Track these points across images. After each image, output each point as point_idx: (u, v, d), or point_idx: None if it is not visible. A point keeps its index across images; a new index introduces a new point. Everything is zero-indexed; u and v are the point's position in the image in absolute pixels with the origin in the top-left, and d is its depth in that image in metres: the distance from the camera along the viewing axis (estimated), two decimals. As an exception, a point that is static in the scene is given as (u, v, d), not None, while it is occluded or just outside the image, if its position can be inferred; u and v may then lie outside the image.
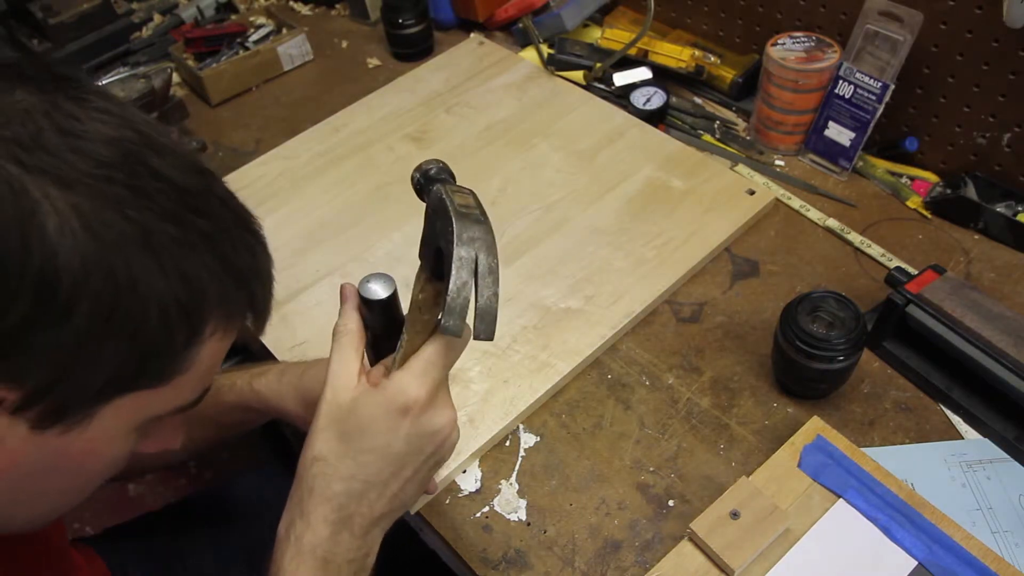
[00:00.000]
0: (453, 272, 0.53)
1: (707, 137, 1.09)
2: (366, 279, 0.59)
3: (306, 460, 0.57)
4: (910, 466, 0.74)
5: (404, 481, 0.58)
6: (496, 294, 0.54)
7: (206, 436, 0.80)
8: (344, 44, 1.34)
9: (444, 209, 0.57)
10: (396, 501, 0.58)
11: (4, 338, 0.38)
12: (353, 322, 0.60)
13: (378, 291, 0.58)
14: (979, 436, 0.77)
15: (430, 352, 0.56)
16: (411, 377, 0.55)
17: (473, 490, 0.77)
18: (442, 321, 0.53)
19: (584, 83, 1.17)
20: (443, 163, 0.63)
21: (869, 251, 0.93)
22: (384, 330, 0.60)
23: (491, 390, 0.82)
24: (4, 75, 0.40)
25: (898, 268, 0.85)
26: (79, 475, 0.48)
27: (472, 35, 1.29)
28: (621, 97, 1.14)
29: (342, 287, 0.61)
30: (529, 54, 1.24)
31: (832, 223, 0.96)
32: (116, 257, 0.39)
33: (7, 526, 0.49)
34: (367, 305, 0.59)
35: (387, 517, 0.59)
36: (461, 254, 0.53)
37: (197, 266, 0.43)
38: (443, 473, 0.76)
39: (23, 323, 0.38)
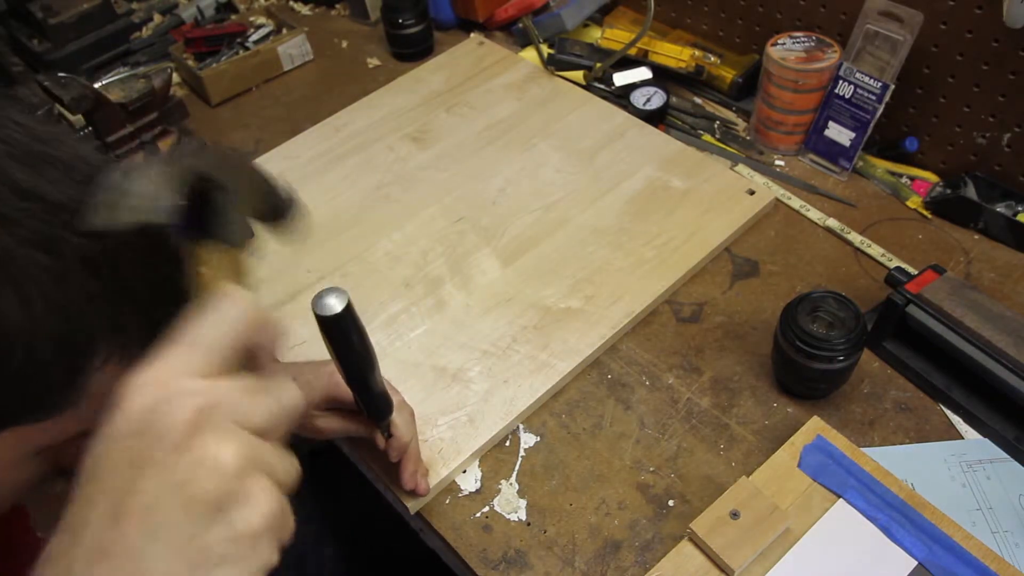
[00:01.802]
0: None
1: (707, 137, 1.09)
2: (319, 295, 0.54)
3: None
4: (910, 466, 0.74)
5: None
6: None
7: None
8: (344, 44, 1.34)
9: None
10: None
11: None
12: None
13: (333, 305, 0.53)
14: (979, 436, 0.77)
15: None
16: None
17: (473, 490, 0.77)
18: None
19: (584, 83, 1.17)
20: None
21: (869, 251, 0.93)
22: (343, 348, 0.56)
23: (491, 390, 0.82)
24: None
25: (898, 268, 0.85)
26: None
27: (472, 35, 1.29)
28: (621, 97, 1.14)
29: None
30: (529, 54, 1.24)
31: (832, 223, 0.96)
32: None
33: None
34: (322, 323, 0.54)
35: None
36: None
37: (76, 295, 0.38)
38: (443, 473, 0.76)
39: None
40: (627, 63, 1.15)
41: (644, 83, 1.13)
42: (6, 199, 0.36)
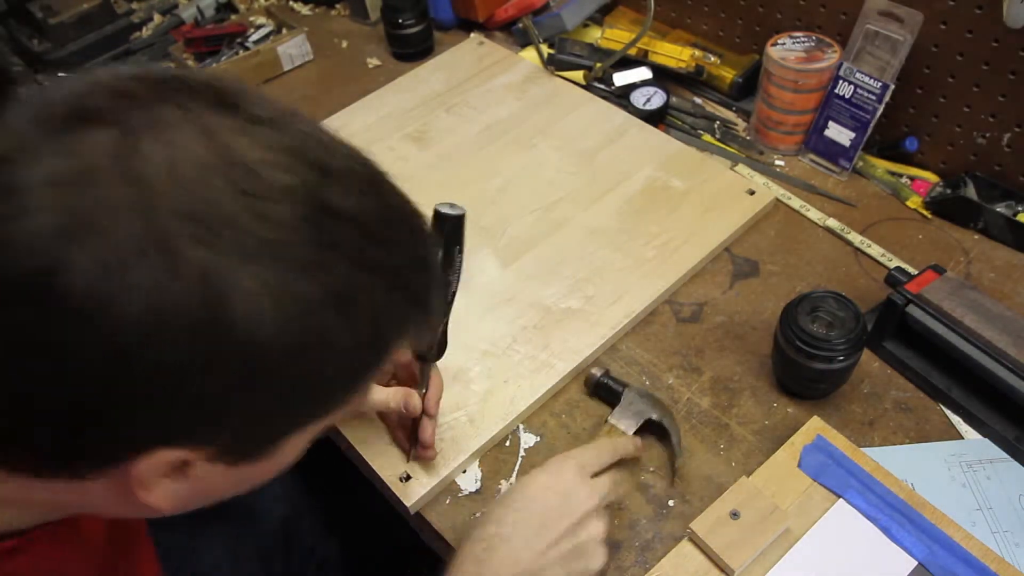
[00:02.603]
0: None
1: (707, 137, 1.09)
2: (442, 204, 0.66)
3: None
4: (910, 466, 0.74)
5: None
6: None
7: None
8: (344, 44, 1.34)
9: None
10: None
11: (198, 414, 0.39)
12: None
13: (456, 208, 0.66)
14: (979, 436, 0.77)
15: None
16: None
17: (473, 490, 0.77)
18: None
19: (584, 83, 1.17)
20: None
21: (869, 251, 0.93)
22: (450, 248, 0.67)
23: (491, 390, 0.82)
24: (166, 103, 0.37)
25: (898, 268, 0.85)
26: (259, 481, 0.50)
27: (472, 35, 1.29)
28: (621, 97, 1.14)
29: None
30: (529, 54, 1.24)
31: (832, 223, 0.96)
32: (309, 325, 0.38)
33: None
34: (440, 220, 0.65)
35: None
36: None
37: (382, 306, 0.42)
38: (443, 473, 0.76)
39: (218, 398, 0.38)
40: (627, 63, 1.15)
41: (644, 83, 1.13)
42: (328, 228, 0.39)
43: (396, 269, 0.43)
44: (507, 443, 0.80)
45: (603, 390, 0.81)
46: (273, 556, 0.92)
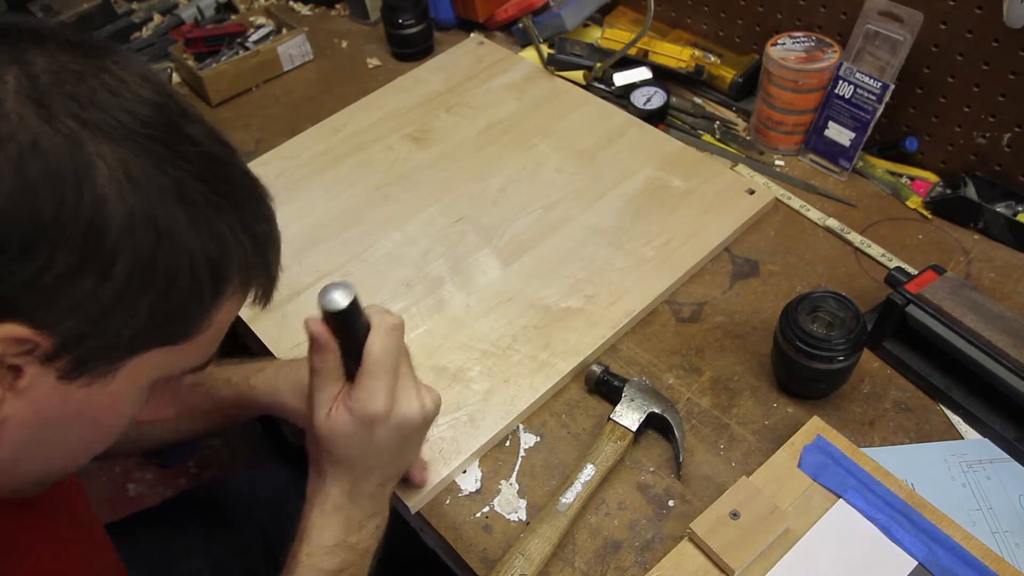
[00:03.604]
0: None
1: (707, 137, 1.09)
2: (325, 290, 0.58)
3: (312, 481, 0.63)
4: (910, 466, 0.74)
5: (396, 457, 0.64)
6: None
7: (194, 428, 0.82)
8: (344, 44, 1.34)
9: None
10: (394, 468, 0.65)
11: (48, 287, 0.40)
12: (328, 362, 0.60)
13: (338, 300, 0.57)
14: (979, 436, 0.77)
15: (369, 359, 0.59)
16: (366, 393, 0.59)
17: (473, 490, 0.77)
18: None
19: (584, 83, 1.17)
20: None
21: (869, 251, 0.93)
22: (350, 340, 0.60)
23: (491, 390, 0.82)
24: (52, 38, 0.42)
25: (898, 268, 0.85)
26: (95, 429, 0.49)
27: (472, 35, 1.29)
28: (621, 97, 1.14)
29: (306, 324, 0.59)
30: (529, 54, 1.24)
31: (832, 223, 0.96)
32: (157, 210, 0.42)
33: (18, 483, 0.50)
34: (328, 318, 0.58)
35: (392, 479, 0.66)
36: None
37: (223, 226, 0.45)
38: (443, 473, 0.76)
39: (68, 272, 0.40)
40: (627, 63, 1.15)
41: (644, 83, 1.13)
42: (181, 142, 0.43)
43: (237, 203, 0.46)
44: (507, 443, 0.80)
45: (604, 386, 0.81)
46: (260, 558, 0.92)
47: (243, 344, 0.94)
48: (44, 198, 0.38)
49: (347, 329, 0.58)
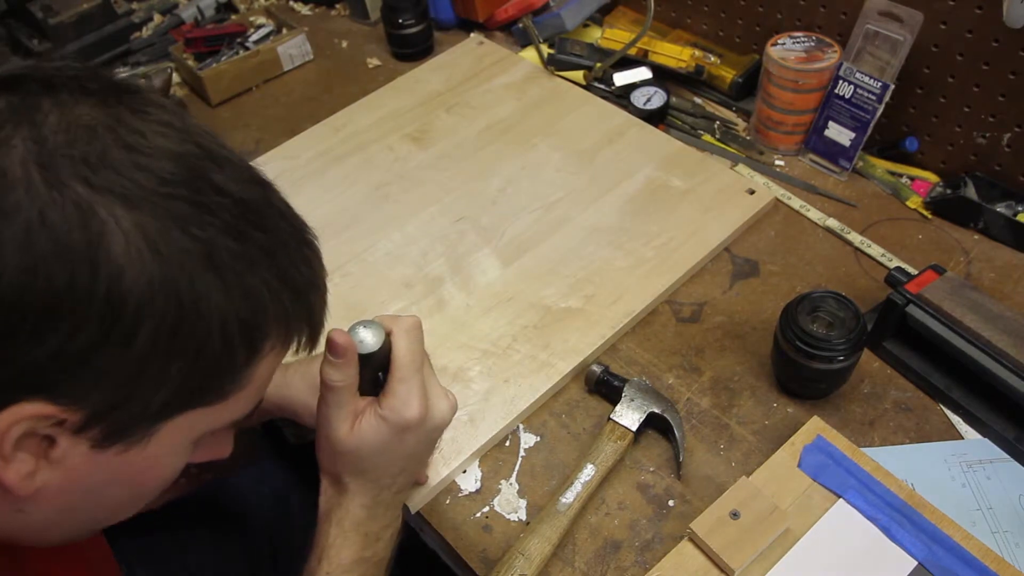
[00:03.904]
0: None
1: (707, 137, 1.09)
2: (354, 328, 0.60)
3: (328, 496, 0.63)
4: (910, 466, 0.74)
5: (419, 463, 0.66)
6: None
7: None
8: (344, 44, 1.34)
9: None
10: (412, 474, 0.66)
11: (69, 362, 0.38)
12: (350, 377, 0.59)
13: (368, 341, 0.59)
14: (979, 436, 0.77)
15: (399, 364, 0.59)
16: (400, 401, 0.59)
17: (473, 490, 0.77)
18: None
19: (584, 83, 1.17)
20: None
21: (869, 251, 0.93)
22: (369, 364, 0.61)
23: (491, 390, 0.82)
24: (66, 88, 0.40)
25: (898, 268, 0.85)
26: (135, 489, 0.48)
27: (472, 35, 1.29)
28: (621, 97, 1.14)
29: (330, 337, 0.58)
30: (529, 54, 1.24)
31: (832, 223, 0.96)
32: (180, 276, 0.39)
33: (52, 539, 0.49)
34: (361, 359, 0.60)
35: (408, 486, 0.67)
36: None
37: (258, 282, 0.43)
38: (443, 473, 0.76)
39: (88, 346, 0.38)
40: (627, 63, 1.15)
41: (644, 83, 1.13)
42: (208, 195, 0.41)
43: (274, 254, 0.44)
44: (507, 443, 0.80)
45: (604, 386, 0.81)
46: (262, 557, 0.92)
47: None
48: (56, 273, 0.37)
49: (370, 355, 0.60)
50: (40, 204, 0.36)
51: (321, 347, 0.53)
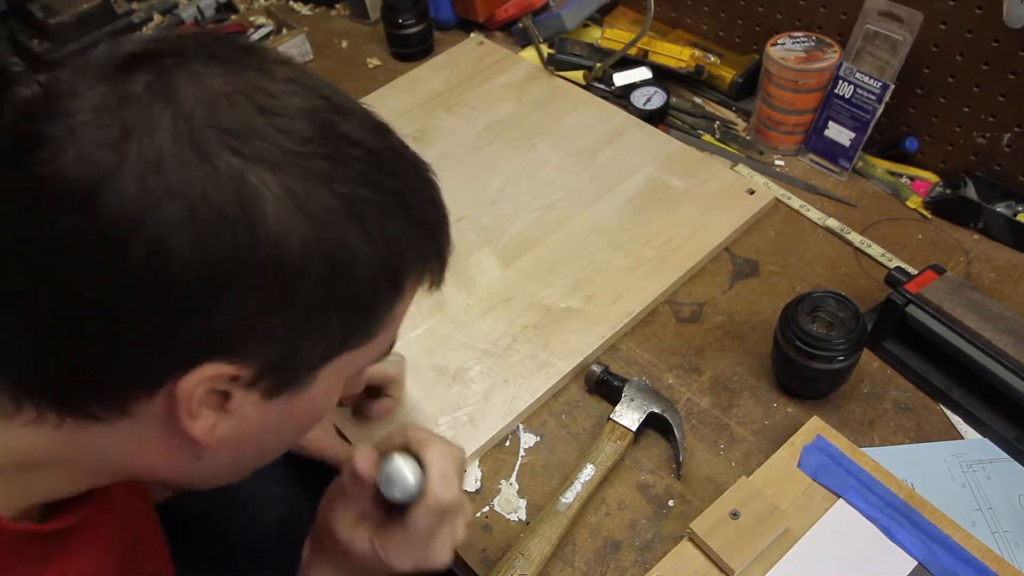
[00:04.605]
0: None
1: (707, 137, 1.09)
2: (392, 461, 0.58)
3: (307, 559, 0.64)
4: (910, 466, 0.74)
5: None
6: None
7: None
8: (344, 44, 1.34)
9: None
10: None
11: (242, 325, 0.41)
12: (364, 496, 0.61)
13: (407, 485, 0.57)
14: (979, 436, 0.77)
15: (410, 531, 0.58)
16: (395, 553, 0.59)
17: (473, 490, 0.77)
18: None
19: (584, 83, 1.17)
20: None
21: (869, 251, 0.93)
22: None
23: (491, 389, 0.82)
24: (197, 58, 0.41)
25: (898, 268, 0.85)
26: (296, 430, 0.52)
27: (472, 35, 1.29)
28: (621, 97, 1.14)
29: (355, 458, 0.59)
30: (529, 54, 1.24)
31: (832, 223, 0.96)
32: (330, 234, 0.41)
33: (215, 483, 0.53)
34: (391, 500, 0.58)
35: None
36: None
37: (396, 229, 0.45)
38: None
39: (257, 309, 0.41)
40: (627, 63, 1.15)
41: (644, 83, 1.13)
42: (342, 148, 0.43)
43: (404, 197, 0.46)
44: (507, 443, 0.80)
45: (604, 386, 0.81)
46: (267, 556, 0.92)
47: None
48: (221, 245, 0.39)
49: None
50: (199, 180, 0.38)
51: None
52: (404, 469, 0.57)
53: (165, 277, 0.38)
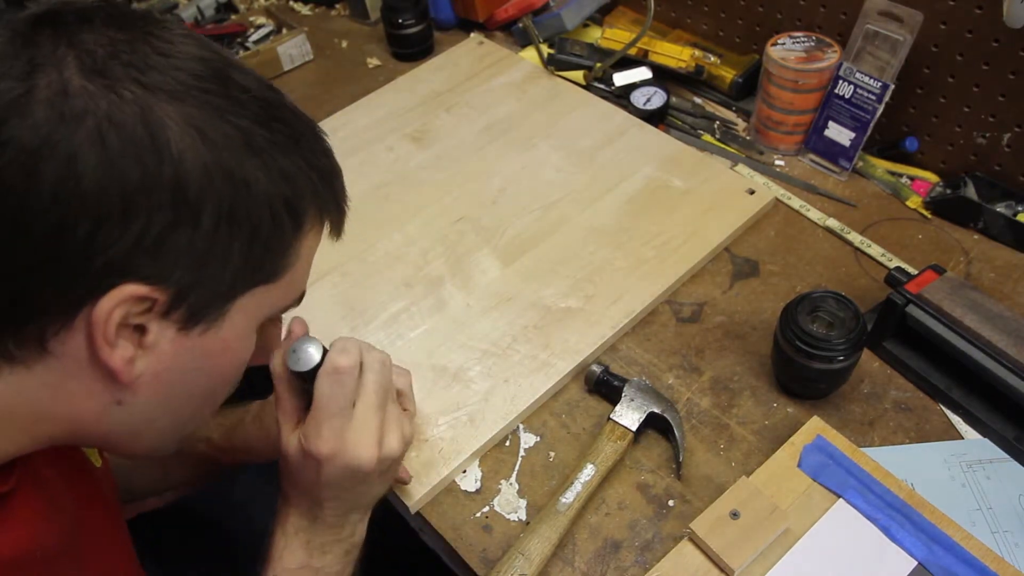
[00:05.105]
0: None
1: (707, 137, 1.09)
2: (294, 349, 0.61)
3: (278, 502, 0.66)
4: (910, 466, 0.74)
5: (353, 493, 0.64)
6: None
7: (185, 477, 0.84)
8: (344, 44, 1.34)
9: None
10: (354, 503, 0.65)
11: (151, 245, 0.43)
12: (289, 403, 0.64)
13: (310, 357, 0.61)
14: (979, 436, 0.77)
15: (316, 402, 0.60)
16: (312, 431, 0.61)
17: (473, 490, 0.77)
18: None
19: (584, 83, 1.17)
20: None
21: (869, 251, 0.93)
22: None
23: (491, 389, 0.82)
24: (98, 17, 0.45)
25: (898, 268, 0.85)
26: (215, 376, 0.53)
27: (472, 35, 1.29)
28: (621, 97, 1.14)
29: (272, 364, 0.63)
30: (529, 54, 1.24)
31: (832, 223, 0.96)
32: (229, 159, 0.44)
33: (142, 445, 0.54)
34: (299, 377, 0.62)
35: (356, 510, 0.66)
36: None
37: (291, 165, 0.48)
38: (444, 472, 0.76)
39: (164, 229, 0.43)
40: (627, 63, 1.15)
41: (644, 83, 1.13)
42: (235, 91, 0.46)
43: (299, 142, 0.49)
44: (507, 443, 0.80)
45: (603, 386, 0.81)
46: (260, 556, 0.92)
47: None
48: (129, 165, 0.41)
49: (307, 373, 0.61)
50: (105, 106, 0.41)
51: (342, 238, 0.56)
52: (307, 344, 0.61)
53: (76, 196, 0.40)
